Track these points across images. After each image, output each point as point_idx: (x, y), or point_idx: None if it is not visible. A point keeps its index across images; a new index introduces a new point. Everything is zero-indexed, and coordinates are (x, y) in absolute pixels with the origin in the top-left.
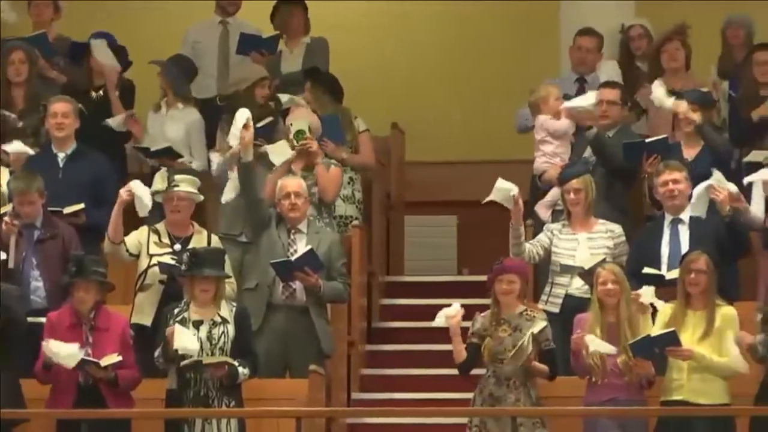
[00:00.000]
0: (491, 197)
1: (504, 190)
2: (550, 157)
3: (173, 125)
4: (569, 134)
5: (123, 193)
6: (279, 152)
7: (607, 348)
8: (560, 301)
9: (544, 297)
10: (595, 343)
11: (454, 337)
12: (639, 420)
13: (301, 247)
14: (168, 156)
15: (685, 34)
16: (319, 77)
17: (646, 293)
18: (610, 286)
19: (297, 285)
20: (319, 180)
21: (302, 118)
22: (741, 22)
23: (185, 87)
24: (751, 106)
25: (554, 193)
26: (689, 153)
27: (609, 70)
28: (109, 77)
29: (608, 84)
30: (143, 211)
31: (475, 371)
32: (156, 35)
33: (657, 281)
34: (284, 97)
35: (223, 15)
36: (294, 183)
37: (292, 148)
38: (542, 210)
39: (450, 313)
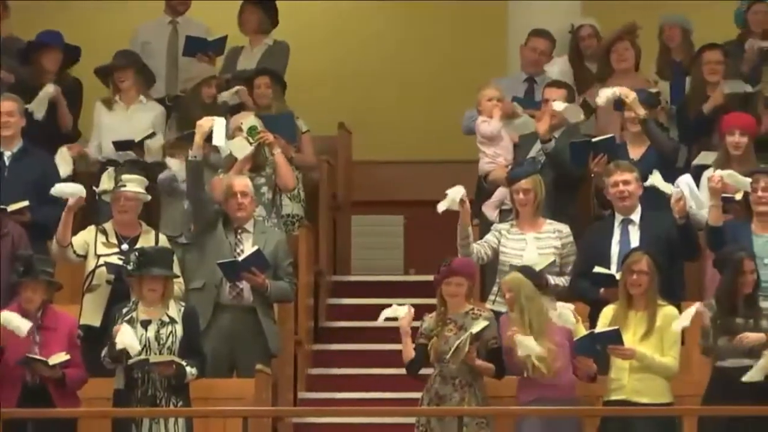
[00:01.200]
0: (444, 206)
1: (454, 193)
2: (492, 158)
3: (140, 119)
4: (501, 136)
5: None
6: (239, 147)
7: (537, 349)
8: None
9: (491, 297)
10: (524, 345)
11: (405, 337)
12: (569, 420)
13: (248, 247)
14: (134, 148)
15: (635, 34)
16: (277, 75)
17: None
18: (508, 295)
19: (244, 285)
20: (279, 169)
21: (248, 116)
22: (678, 22)
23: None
24: (699, 104)
25: (501, 192)
26: (635, 153)
27: (562, 64)
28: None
29: (554, 83)
30: None
31: (424, 371)
32: (105, 34)
33: (608, 281)
34: (225, 95)
35: (173, 14)
36: (241, 183)
37: (250, 144)
38: (489, 210)
39: (397, 313)
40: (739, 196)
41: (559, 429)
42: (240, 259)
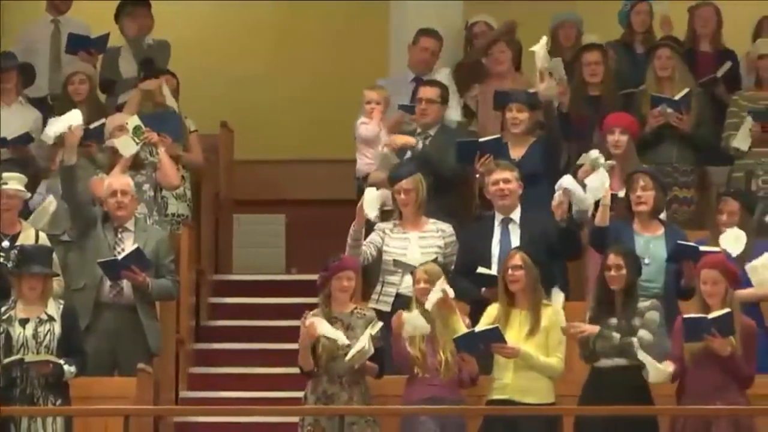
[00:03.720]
0: (366, 209)
1: (373, 200)
2: (373, 158)
3: (16, 120)
4: (380, 140)
5: None
6: (126, 146)
7: (425, 327)
8: (391, 300)
9: (374, 296)
10: (412, 321)
11: (305, 342)
12: (457, 419)
13: (129, 245)
14: (25, 143)
15: (513, 34)
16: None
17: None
18: (422, 285)
19: (125, 283)
20: (162, 167)
21: (129, 116)
22: (573, 22)
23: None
24: (579, 105)
25: (382, 194)
26: (516, 153)
27: (443, 77)
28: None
29: (428, 82)
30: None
31: None
32: None
33: (490, 281)
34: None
35: (55, 14)
36: (121, 181)
37: (136, 143)
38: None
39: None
40: (621, 194)
41: (450, 430)
42: (120, 257)
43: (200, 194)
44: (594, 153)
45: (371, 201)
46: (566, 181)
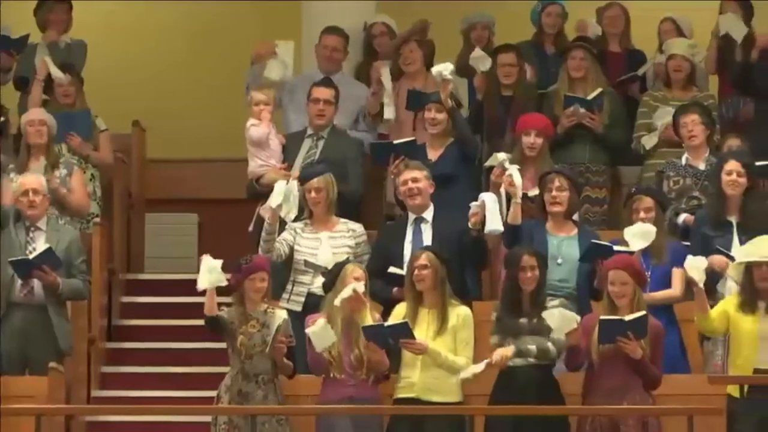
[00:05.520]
0: (277, 202)
1: (287, 193)
2: (266, 160)
3: None
4: (269, 140)
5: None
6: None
7: (330, 339)
8: (302, 299)
9: (285, 295)
10: (317, 336)
11: (212, 292)
12: (374, 419)
13: (40, 245)
14: None
15: (425, 33)
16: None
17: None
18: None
19: (35, 283)
20: (72, 195)
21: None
22: (486, 23)
23: None
24: (492, 105)
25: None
26: (433, 154)
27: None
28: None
29: (323, 83)
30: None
31: (217, 369)
32: None
33: (401, 281)
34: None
35: None
36: (33, 180)
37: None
38: (267, 213)
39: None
40: (531, 193)
41: (368, 429)
42: (31, 257)
43: (112, 193)
44: (501, 155)
45: (278, 193)
46: (488, 198)
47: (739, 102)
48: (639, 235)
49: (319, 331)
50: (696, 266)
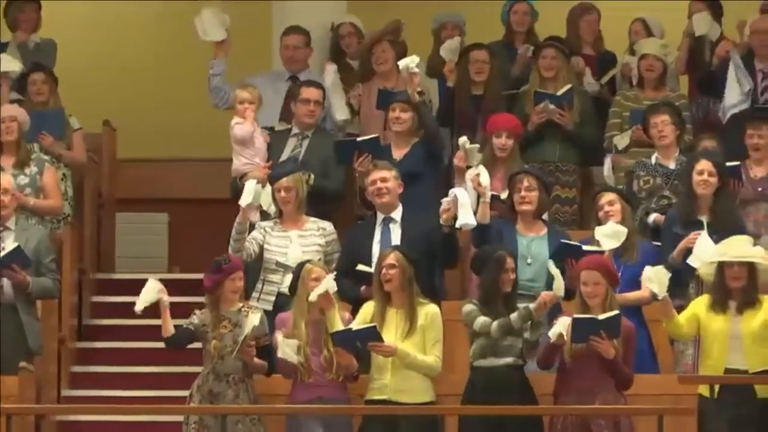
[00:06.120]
0: (247, 199)
1: (256, 191)
2: (250, 159)
3: None
4: (254, 138)
5: None
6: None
7: (292, 357)
8: (273, 298)
9: (255, 294)
10: (282, 347)
11: (165, 312)
12: (343, 419)
13: (9, 244)
14: None
15: (398, 34)
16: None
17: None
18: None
19: (4, 282)
20: (46, 195)
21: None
22: (456, 23)
23: None
24: (464, 102)
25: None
26: (398, 153)
27: (329, 75)
28: None
29: (311, 83)
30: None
31: (189, 369)
32: None
33: (369, 279)
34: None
35: None
36: (2, 180)
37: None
38: (250, 211)
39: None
40: (504, 195)
41: (337, 429)
42: (0, 256)
43: (83, 193)
44: (462, 139)
45: (248, 192)
46: (461, 193)
47: (709, 102)
48: (610, 235)
49: (284, 345)
50: (654, 278)
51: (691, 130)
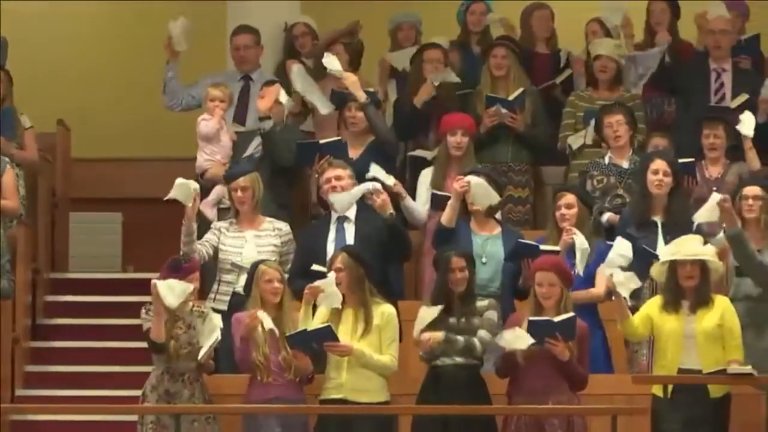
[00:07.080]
0: (172, 195)
1: (184, 185)
2: (210, 155)
3: None
4: (220, 135)
5: None
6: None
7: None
8: (228, 298)
9: (211, 295)
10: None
11: (158, 316)
12: (300, 419)
13: None
14: None
15: (354, 35)
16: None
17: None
18: (276, 284)
19: None
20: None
21: None
22: (412, 23)
23: None
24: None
25: (218, 190)
26: (354, 152)
27: (295, 75)
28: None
29: (270, 82)
30: None
31: (142, 368)
32: None
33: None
34: None
35: None
36: None
37: None
38: (207, 208)
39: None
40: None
41: (294, 429)
42: None
43: (36, 192)
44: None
45: (175, 187)
46: (381, 175)
47: (663, 102)
48: (624, 283)
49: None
50: (625, 284)
51: (645, 130)
